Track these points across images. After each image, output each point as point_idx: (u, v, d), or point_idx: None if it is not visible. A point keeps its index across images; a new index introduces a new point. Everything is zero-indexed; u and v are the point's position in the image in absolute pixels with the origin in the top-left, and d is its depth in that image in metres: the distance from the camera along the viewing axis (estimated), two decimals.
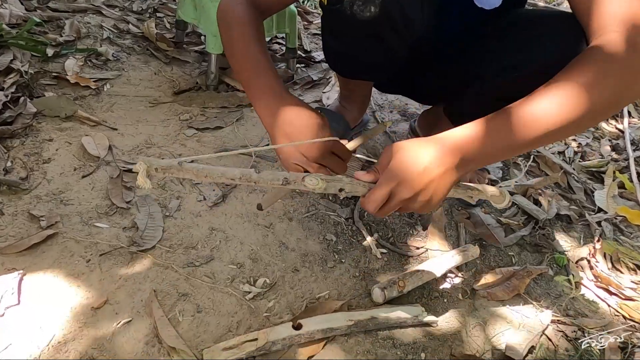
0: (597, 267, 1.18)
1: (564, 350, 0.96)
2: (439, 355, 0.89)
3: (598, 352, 0.95)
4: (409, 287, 0.97)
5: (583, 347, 0.95)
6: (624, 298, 1.10)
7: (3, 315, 0.80)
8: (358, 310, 0.92)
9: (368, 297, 0.97)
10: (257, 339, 0.82)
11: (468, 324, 0.97)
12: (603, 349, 0.95)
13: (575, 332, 0.99)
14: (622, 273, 1.18)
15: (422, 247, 1.13)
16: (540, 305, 1.05)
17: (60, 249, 0.93)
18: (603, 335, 0.97)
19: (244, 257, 1.00)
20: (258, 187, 0.53)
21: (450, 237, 1.17)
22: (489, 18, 0.97)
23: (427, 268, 1.00)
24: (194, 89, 1.54)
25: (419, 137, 0.89)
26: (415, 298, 0.99)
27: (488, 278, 1.07)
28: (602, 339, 0.96)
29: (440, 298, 1.01)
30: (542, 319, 1.00)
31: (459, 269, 1.08)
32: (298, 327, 0.85)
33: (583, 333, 0.99)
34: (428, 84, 1.16)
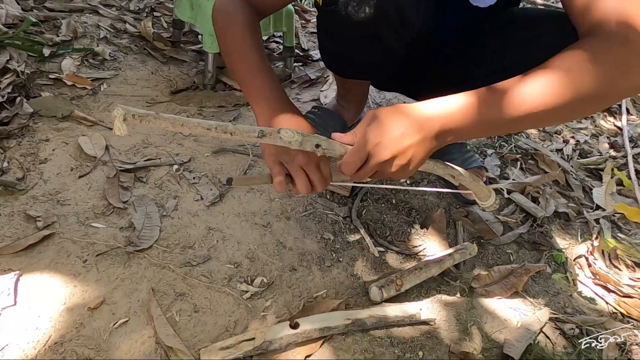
0: (595, 264, 1.18)
1: (562, 348, 0.96)
2: (437, 354, 0.89)
3: (597, 352, 0.95)
4: (407, 285, 0.97)
5: (583, 347, 0.95)
6: (622, 295, 1.10)
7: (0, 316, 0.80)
8: (356, 309, 0.92)
9: (366, 295, 0.97)
10: (254, 339, 0.82)
11: (466, 322, 0.97)
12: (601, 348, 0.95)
13: (573, 329, 0.99)
14: (620, 270, 1.18)
15: (419, 245, 1.13)
16: (538, 303, 1.04)
17: (57, 250, 0.93)
18: (603, 336, 0.97)
19: (242, 256, 1.00)
20: (233, 139, 0.53)
21: (448, 235, 1.17)
22: (486, 16, 0.96)
23: (424, 266, 1.00)
24: (191, 89, 1.54)
25: None
26: (413, 296, 0.99)
27: (486, 276, 1.07)
28: (602, 339, 0.96)
29: (438, 296, 1.01)
30: (540, 317, 1.00)
31: (457, 267, 1.08)
32: (295, 326, 0.85)
33: (581, 330, 0.99)
34: (426, 83, 1.16)
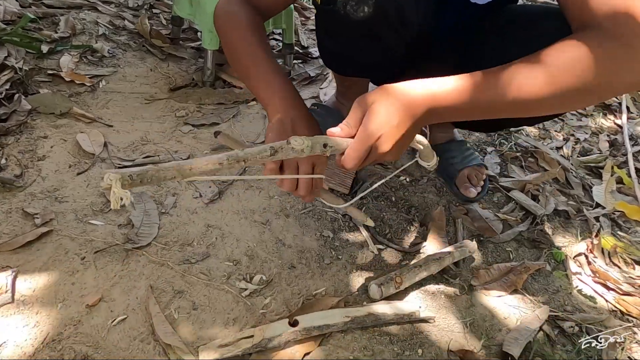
0: (594, 262, 1.18)
1: (562, 346, 0.96)
2: (436, 352, 0.89)
3: (597, 351, 0.95)
4: (406, 283, 0.97)
5: (583, 346, 0.94)
6: (622, 293, 1.10)
7: None
8: (355, 307, 0.92)
9: (365, 293, 0.97)
10: (253, 336, 0.82)
11: (465, 320, 0.96)
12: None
13: (573, 327, 0.99)
14: (619, 268, 1.18)
15: (419, 243, 1.12)
16: (538, 301, 1.04)
17: (55, 247, 0.92)
18: (603, 336, 0.97)
19: (240, 254, 1.00)
20: (248, 166, 0.50)
21: (448, 233, 1.17)
22: (485, 14, 0.96)
23: (424, 264, 1.00)
24: (190, 86, 1.53)
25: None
26: (413, 294, 0.99)
27: (485, 274, 1.07)
28: (602, 339, 0.96)
29: (438, 294, 1.01)
30: (539, 315, 1.00)
31: (457, 265, 1.08)
32: (294, 323, 0.85)
33: (580, 328, 0.99)
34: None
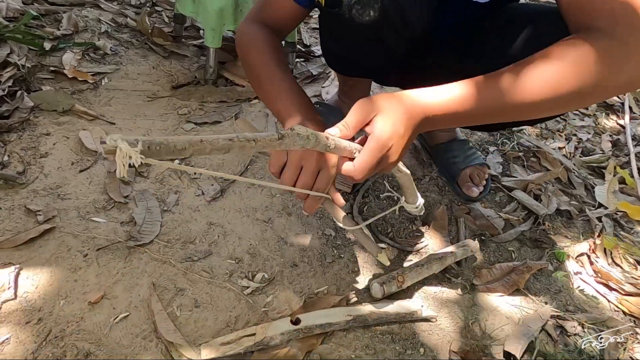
0: (597, 262, 1.18)
1: (564, 346, 0.96)
2: (438, 351, 0.89)
3: (598, 350, 0.95)
4: (408, 282, 0.97)
5: (585, 346, 0.94)
6: (624, 293, 1.10)
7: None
8: (357, 306, 0.91)
9: (367, 292, 0.97)
10: (255, 334, 0.82)
11: (467, 319, 0.96)
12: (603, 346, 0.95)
13: (575, 327, 0.98)
14: (622, 268, 1.18)
15: (421, 242, 1.12)
16: (540, 301, 1.04)
17: (57, 244, 0.92)
18: (604, 336, 0.96)
19: (243, 252, 1.00)
20: (257, 150, 0.49)
21: (450, 232, 1.17)
22: (486, 13, 0.96)
23: (426, 263, 1.00)
24: (193, 83, 1.53)
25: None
26: (415, 293, 0.99)
27: (488, 273, 1.07)
28: (602, 339, 0.96)
29: (440, 293, 1.01)
30: (541, 314, 1.00)
31: (459, 264, 1.08)
32: (296, 322, 0.85)
33: (582, 328, 0.99)
34: (428, 79, 1.15)
